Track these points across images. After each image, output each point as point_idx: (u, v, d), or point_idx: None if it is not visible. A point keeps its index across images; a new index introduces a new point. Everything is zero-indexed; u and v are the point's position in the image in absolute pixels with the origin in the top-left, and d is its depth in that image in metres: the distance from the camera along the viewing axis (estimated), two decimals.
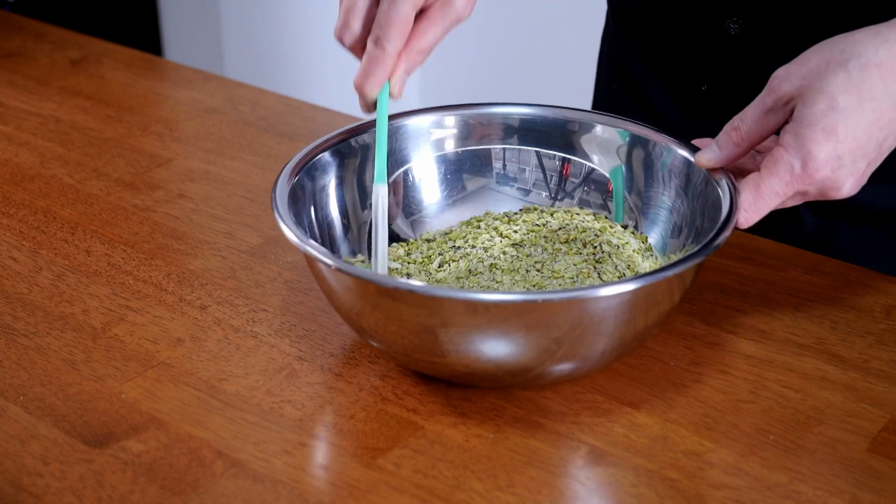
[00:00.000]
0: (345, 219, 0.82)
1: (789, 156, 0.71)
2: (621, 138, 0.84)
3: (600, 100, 1.09)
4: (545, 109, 0.86)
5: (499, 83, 2.37)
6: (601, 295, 0.65)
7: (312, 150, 0.81)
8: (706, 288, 0.83)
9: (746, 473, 0.66)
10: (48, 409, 0.72)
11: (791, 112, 0.72)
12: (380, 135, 0.77)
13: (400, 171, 0.85)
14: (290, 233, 0.71)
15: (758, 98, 0.74)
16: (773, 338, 0.78)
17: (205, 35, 2.42)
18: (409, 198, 0.86)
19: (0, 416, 0.71)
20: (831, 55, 0.71)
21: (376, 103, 0.76)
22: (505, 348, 0.67)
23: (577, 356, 0.69)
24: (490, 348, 0.67)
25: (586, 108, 0.93)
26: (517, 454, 0.68)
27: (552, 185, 0.87)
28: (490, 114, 0.86)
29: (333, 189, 0.82)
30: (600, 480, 0.67)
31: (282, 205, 0.74)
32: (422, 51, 0.76)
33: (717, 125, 0.99)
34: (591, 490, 0.67)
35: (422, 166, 0.86)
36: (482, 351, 0.68)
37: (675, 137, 0.81)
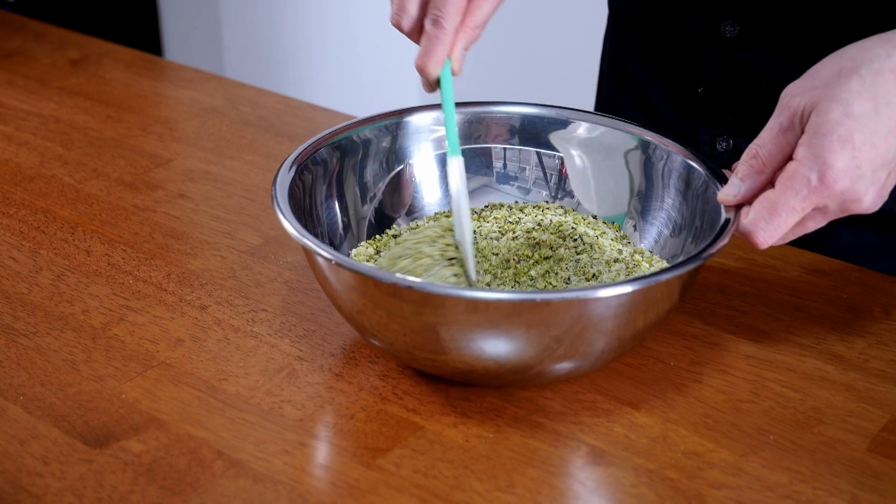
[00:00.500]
0: (345, 215, 0.83)
1: (805, 168, 0.67)
2: (622, 139, 0.84)
3: (602, 100, 1.09)
4: (545, 109, 0.87)
5: (499, 83, 2.37)
6: (600, 295, 0.65)
7: (312, 145, 0.81)
8: (706, 288, 0.83)
9: (746, 473, 0.66)
10: (48, 409, 0.72)
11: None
12: (447, 111, 0.79)
13: (399, 168, 0.86)
14: (291, 228, 0.71)
15: (771, 119, 0.70)
16: (773, 338, 0.78)
17: (205, 35, 2.42)
18: (409, 196, 0.86)
19: (0, 416, 0.71)
20: (842, 63, 0.68)
21: (439, 82, 0.79)
22: (505, 346, 0.67)
23: (577, 354, 0.69)
24: (491, 346, 0.67)
25: (589, 108, 0.93)
26: (517, 454, 0.68)
27: (552, 184, 0.87)
28: (491, 113, 0.87)
29: (334, 185, 0.82)
30: (600, 480, 0.67)
31: (282, 200, 0.74)
32: (477, 26, 0.79)
33: (713, 126, 0.99)
34: (591, 490, 0.67)
35: (422, 165, 0.86)
36: (483, 349, 0.68)
37: (672, 139, 0.82)
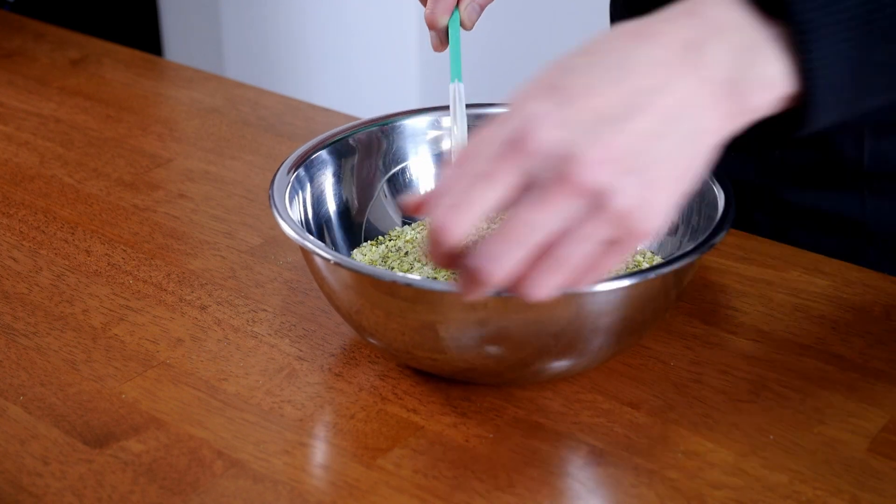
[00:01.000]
0: (343, 217, 0.83)
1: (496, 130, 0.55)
2: None
3: None
4: None
5: (499, 83, 2.37)
6: (598, 290, 0.66)
7: (311, 148, 0.81)
8: (706, 288, 0.83)
9: (746, 473, 0.66)
10: (48, 409, 0.72)
11: None
12: (454, 55, 0.79)
13: (397, 169, 0.86)
14: (289, 229, 0.71)
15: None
16: (773, 338, 0.78)
17: (205, 35, 2.42)
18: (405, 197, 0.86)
19: (0, 416, 0.71)
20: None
21: (447, 37, 0.80)
22: (504, 343, 0.67)
23: (576, 351, 0.69)
24: (489, 344, 0.67)
25: None
26: (517, 454, 0.68)
27: None
28: (491, 113, 0.87)
29: (332, 186, 0.82)
30: (600, 480, 0.67)
31: (280, 202, 0.74)
32: None
33: None
34: (591, 490, 0.67)
35: (419, 166, 0.86)
36: (481, 347, 0.68)
37: None
